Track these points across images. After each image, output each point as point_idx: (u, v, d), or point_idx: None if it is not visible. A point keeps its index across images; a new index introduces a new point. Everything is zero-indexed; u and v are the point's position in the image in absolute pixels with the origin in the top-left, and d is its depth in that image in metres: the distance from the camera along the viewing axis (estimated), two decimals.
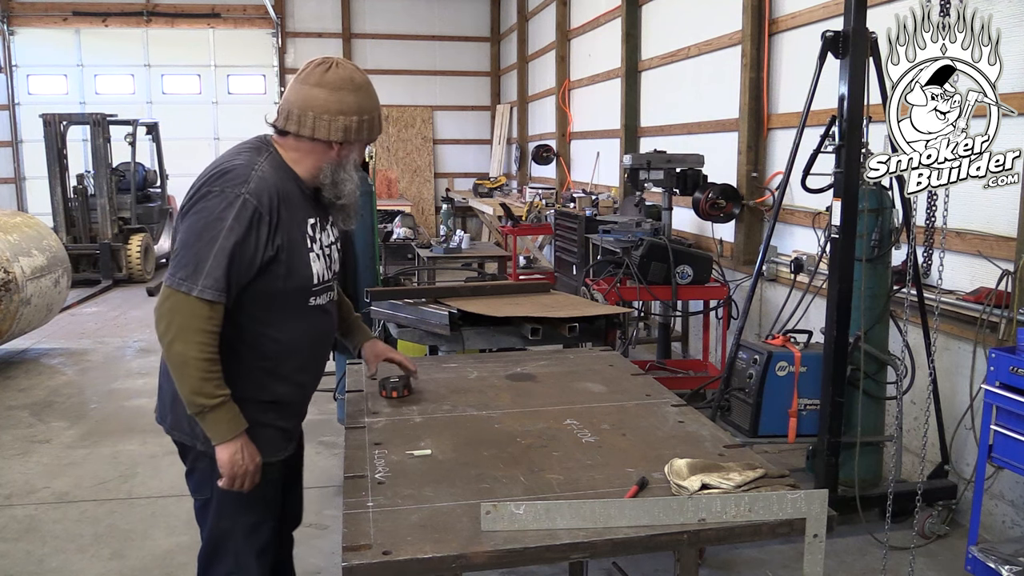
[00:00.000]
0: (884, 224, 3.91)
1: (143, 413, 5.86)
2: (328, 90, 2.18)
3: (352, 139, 2.21)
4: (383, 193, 14.02)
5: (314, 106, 2.17)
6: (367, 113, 2.23)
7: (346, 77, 2.22)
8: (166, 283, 2.05)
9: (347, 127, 2.18)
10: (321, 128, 2.16)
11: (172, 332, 2.02)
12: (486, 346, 3.77)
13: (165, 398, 2.28)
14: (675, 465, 1.96)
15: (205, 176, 2.15)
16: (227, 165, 2.16)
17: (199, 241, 2.04)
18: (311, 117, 2.17)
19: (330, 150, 2.20)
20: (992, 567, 3.15)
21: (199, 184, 2.14)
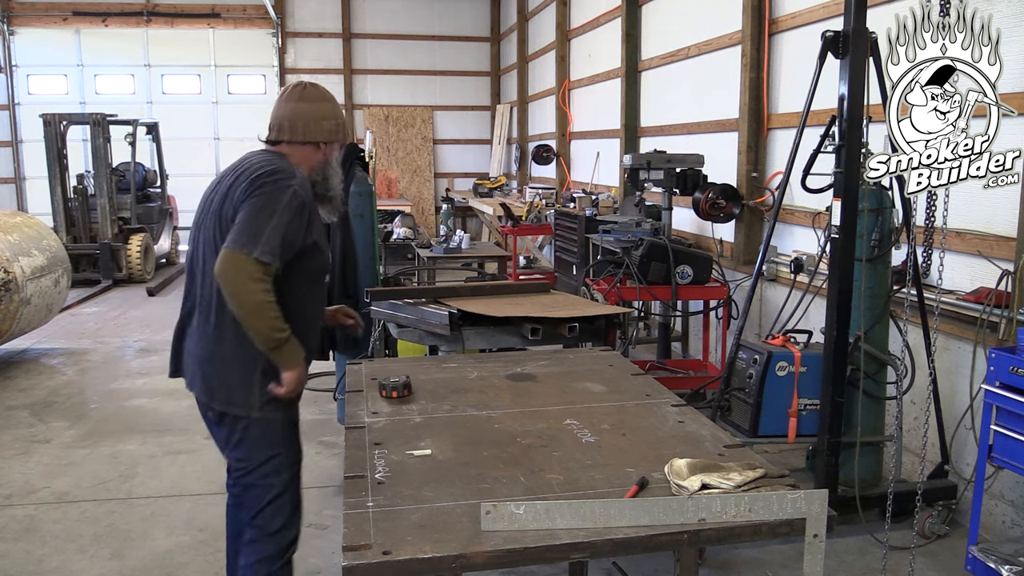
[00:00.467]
0: (884, 224, 3.91)
1: (143, 413, 5.86)
2: (308, 103, 2.69)
3: (333, 139, 2.71)
4: (383, 193, 14.02)
5: (301, 116, 2.66)
6: (340, 118, 2.75)
7: (319, 93, 2.74)
8: (227, 248, 2.39)
9: (329, 129, 2.69)
10: (310, 132, 2.66)
11: (242, 284, 2.39)
12: (486, 346, 3.77)
13: (216, 379, 2.58)
14: (675, 465, 1.96)
15: (253, 173, 2.52)
16: (273, 165, 2.55)
17: (257, 218, 2.43)
18: (300, 125, 2.66)
19: (317, 151, 2.69)
20: (992, 567, 3.15)
21: (251, 179, 2.50)
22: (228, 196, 2.51)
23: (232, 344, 2.52)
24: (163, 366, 7.72)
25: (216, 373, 2.57)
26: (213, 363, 2.57)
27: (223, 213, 2.51)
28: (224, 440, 2.69)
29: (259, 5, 15.34)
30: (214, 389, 2.57)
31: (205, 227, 2.59)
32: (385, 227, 9.06)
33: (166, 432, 5.41)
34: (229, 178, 2.59)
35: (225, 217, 2.50)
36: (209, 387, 2.58)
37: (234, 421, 2.59)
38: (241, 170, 2.57)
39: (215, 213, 2.54)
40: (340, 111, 2.76)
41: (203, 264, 2.57)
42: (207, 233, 2.57)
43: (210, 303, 2.55)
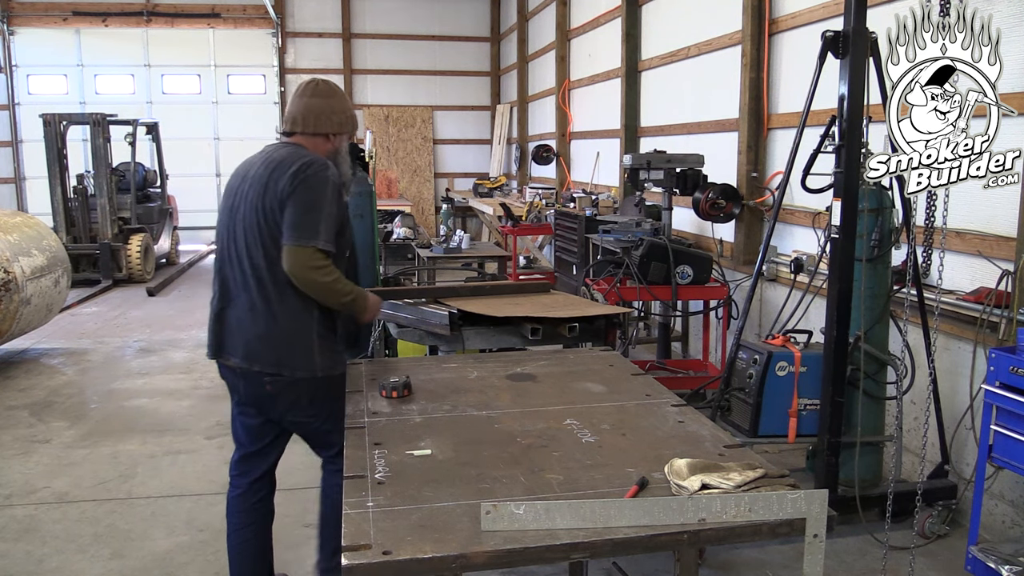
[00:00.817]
0: (884, 224, 3.91)
1: (143, 413, 5.86)
2: (320, 98, 2.96)
3: (341, 131, 2.98)
4: (383, 193, 14.02)
5: (312, 110, 2.93)
6: (348, 112, 3.02)
7: (330, 89, 3.01)
8: (292, 244, 2.72)
9: (339, 121, 2.97)
10: (320, 124, 2.93)
11: (312, 274, 2.75)
12: (486, 346, 3.77)
13: (280, 352, 2.85)
14: (675, 465, 1.96)
15: (290, 167, 2.78)
16: (305, 158, 2.82)
17: (310, 212, 2.74)
18: (312, 118, 2.93)
19: (327, 141, 2.96)
20: (992, 567, 3.15)
21: (291, 173, 2.76)
22: (268, 188, 2.77)
23: (289, 320, 2.84)
24: (163, 366, 7.75)
25: (278, 347, 2.85)
26: (273, 339, 2.85)
27: (265, 204, 2.77)
28: (289, 403, 2.94)
29: (259, 5, 15.34)
30: (280, 361, 2.85)
31: (244, 217, 2.84)
32: (385, 227, 9.05)
33: (166, 432, 5.41)
34: (260, 170, 2.84)
35: (268, 208, 2.77)
36: (273, 360, 2.85)
37: (300, 384, 2.88)
38: (274, 163, 2.82)
39: (254, 204, 2.80)
40: (348, 105, 3.02)
41: (246, 251, 2.83)
42: (247, 223, 2.82)
43: (260, 286, 2.83)
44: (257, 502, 3.14)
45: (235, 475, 3.15)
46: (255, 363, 2.87)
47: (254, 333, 2.86)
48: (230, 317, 2.91)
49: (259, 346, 2.85)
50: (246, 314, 2.86)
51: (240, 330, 2.88)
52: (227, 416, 5.67)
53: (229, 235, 2.90)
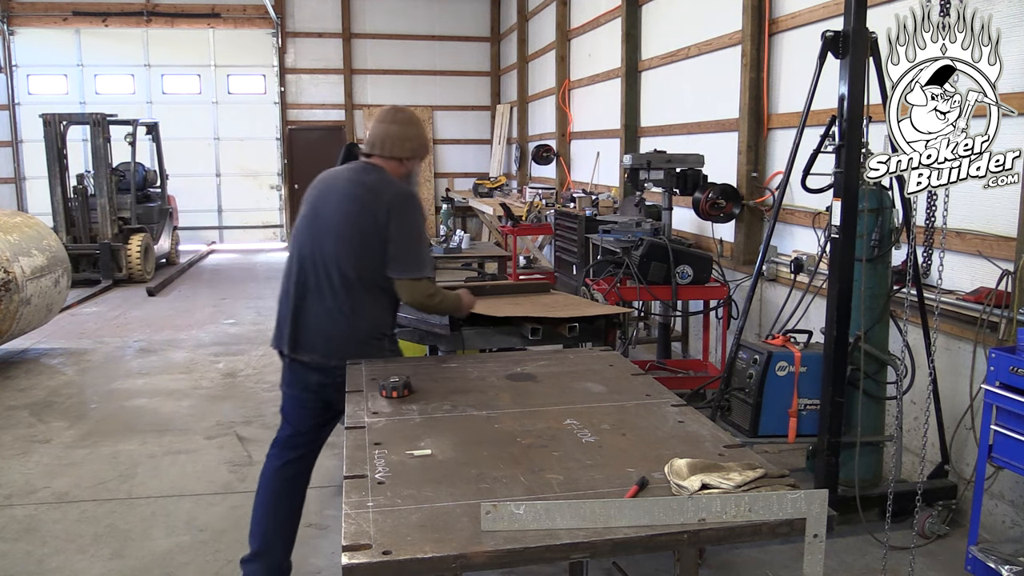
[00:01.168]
0: (884, 224, 3.91)
1: (143, 413, 5.86)
2: (398, 125, 3.27)
3: (414, 156, 3.28)
4: None
5: (391, 135, 3.24)
6: (421, 139, 3.34)
7: (407, 117, 3.34)
8: (407, 278, 3.14)
9: (411, 148, 3.27)
10: (396, 149, 3.23)
11: (428, 300, 3.23)
12: (486, 346, 3.77)
13: (353, 348, 3.14)
14: (675, 465, 1.96)
15: (389, 194, 3.13)
16: (397, 186, 3.19)
17: (415, 244, 3.16)
18: (388, 143, 3.24)
19: (401, 164, 3.25)
20: (992, 567, 3.15)
21: (390, 201, 3.11)
22: (364, 209, 3.11)
23: (369, 322, 3.19)
24: (163, 366, 7.73)
25: (358, 344, 3.16)
26: (354, 338, 3.16)
27: (361, 223, 3.10)
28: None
29: (259, 5, 15.34)
30: (357, 353, 3.13)
31: (334, 227, 3.14)
32: None
33: (166, 432, 5.41)
34: (348, 187, 3.18)
35: (364, 228, 3.10)
36: (350, 353, 3.13)
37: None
38: (365, 187, 3.15)
39: (347, 219, 3.12)
40: (422, 132, 3.35)
41: (336, 259, 3.12)
42: (338, 233, 3.13)
43: (348, 292, 3.13)
44: (293, 477, 3.31)
45: (279, 450, 3.33)
46: (334, 358, 3.12)
47: (335, 331, 3.15)
48: (310, 314, 3.18)
49: (340, 344, 3.14)
50: (330, 314, 3.15)
51: (320, 328, 3.17)
52: (226, 416, 5.70)
53: (314, 242, 3.18)
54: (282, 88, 15.94)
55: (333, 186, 3.26)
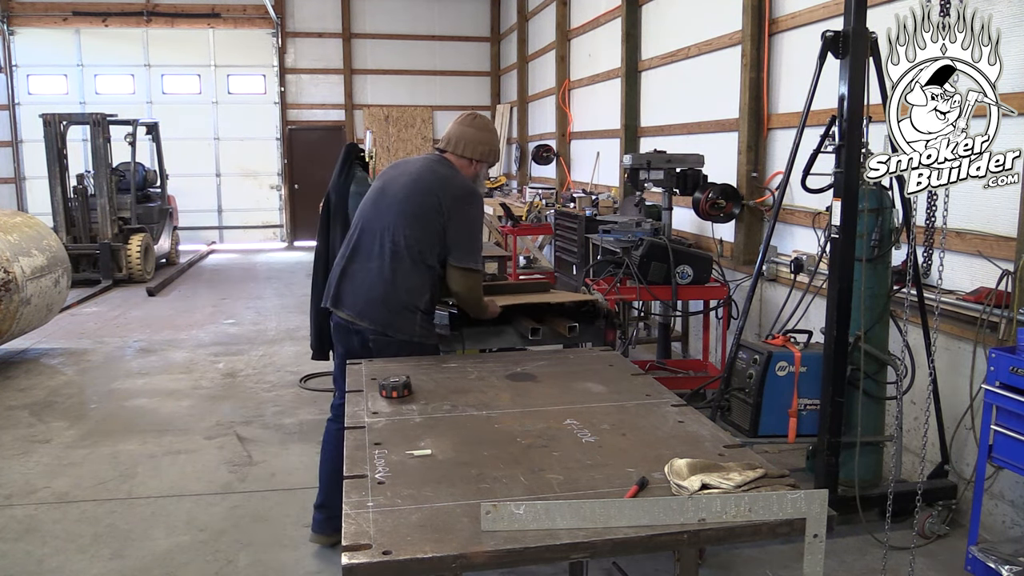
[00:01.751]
0: (884, 224, 3.91)
1: (143, 413, 5.86)
2: (475, 129, 3.54)
3: (484, 159, 3.54)
4: None
5: (465, 137, 3.51)
6: (494, 145, 3.60)
7: (484, 123, 3.61)
8: (463, 266, 3.34)
9: (483, 152, 3.53)
10: (469, 150, 3.50)
11: (477, 291, 3.46)
12: (486, 346, 3.77)
13: (395, 315, 3.33)
14: (675, 465, 1.96)
15: (456, 187, 3.39)
16: (463, 181, 3.44)
17: (473, 236, 3.41)
18: (463, 143, 3.51)
19: (471, 165, 3.52)
20: (992, 567, 3.15)
21: (456, 194, 3.37)
22: (431, 191, 3.33)
23: (406, 292, 3.32)
24: (163, 366, 7.74)
25: (391, 311, 3.32)
26: (389, 304, 3.32)
27: (425, 202, 3.32)
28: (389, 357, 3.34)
29: (259, 5, 15.34)
30: (388, 323, 3.32)
31: (398, 202, 3.37)
32: None
33: (166, 432, 5.41)
34: (423, 172, 3.44)
35: (426, 207, 3.32)
36: (383, 321, 3.33)
37: (400, 344, 3.33)
38: (439, 175, 3.40)
39: (411, 197, 3.35)
40: (495, 140, 3.61)
41: (391, 228, 3.34)
42: (401, 208, 3.35)
43: (395, 258, 3.32)
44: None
45: (335, 414, 3.75)
46: (365, 320, 3.35)
47: (374, 295, 3.34)
48: (356, 274, 3.41)
49: (373, 307, 3.34)
50: (372, 276, 3.35)
51: (361, 288, 3.38)
52: (226, 416, 5.71)
53: (376, 211, 3.44)
54: (282, 88, 15.93)
55: (406, 169, 3.52)
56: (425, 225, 3.31)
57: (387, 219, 3.39)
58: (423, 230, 3.31)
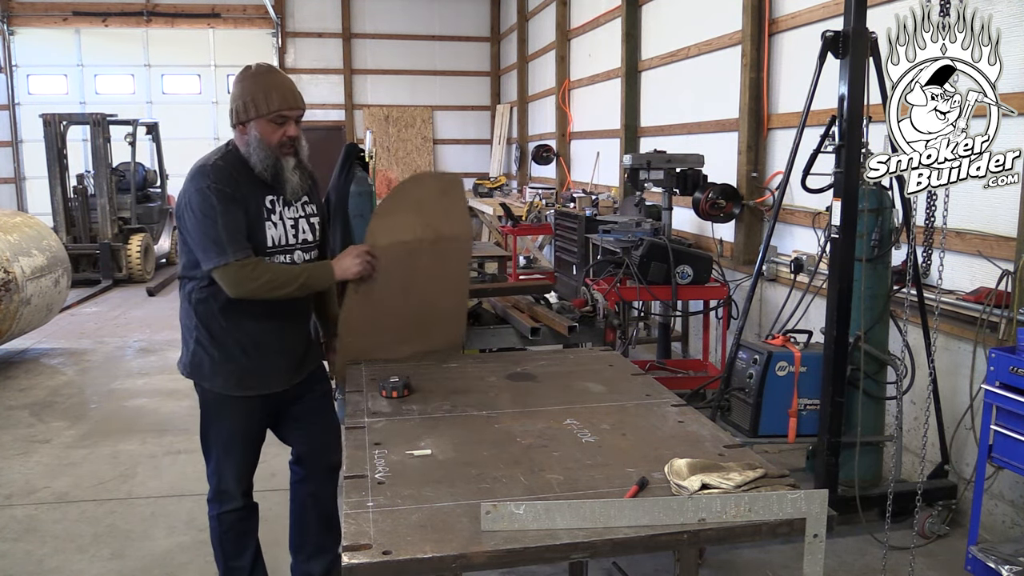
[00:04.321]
0: (884, 224, 3.91)
1: (143, 413, 5.86)
2: (234, 87, 2.79)
3: (241, 115, 2.73)
4: (383, 193, 14.00)
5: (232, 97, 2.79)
6: (245, 89, 2.72)
7: (241, 76, 2.76)
8: (212, 264, 2.67)
9: (236, 106, 2.74)
10: (231, 117, 2.78)
11: (248, 283, 2.69)
12: (486, 346, 3.77)
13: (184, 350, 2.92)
14: (675, 465, 1.96)
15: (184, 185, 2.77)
16: (195, 166, 2.78)
17: (205, 225, 2.67)
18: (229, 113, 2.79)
19: (243, 133, 2.76)
20: (992, 567, 3.15)
21: (182, 190, 2.77)
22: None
23: (182, 319, 2.91)
24: (163, 366, 7.75)
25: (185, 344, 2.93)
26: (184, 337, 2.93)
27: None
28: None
29: (259, 5, 15.34)
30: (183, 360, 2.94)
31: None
32: None
33: (166, 432, 5.41)
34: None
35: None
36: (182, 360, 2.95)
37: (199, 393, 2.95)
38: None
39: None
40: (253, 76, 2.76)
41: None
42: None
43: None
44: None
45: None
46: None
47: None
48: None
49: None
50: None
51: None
52: None
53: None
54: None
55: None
56: (182, 245, 2.82)
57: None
58: (181, 242, 2.83)
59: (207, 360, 2.83)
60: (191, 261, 2.77)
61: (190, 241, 2.72)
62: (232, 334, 2.81)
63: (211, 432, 2.94)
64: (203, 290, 2.78)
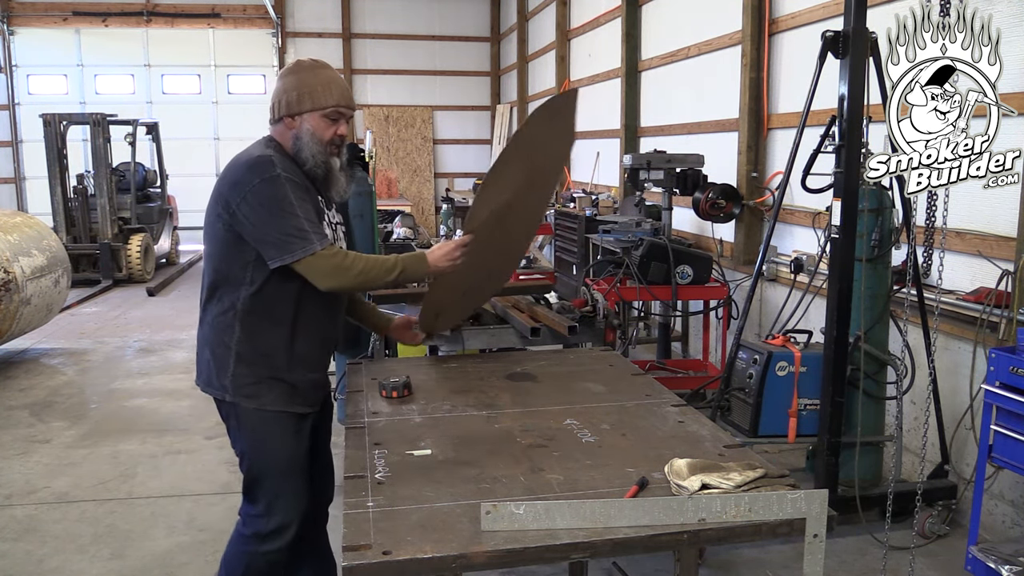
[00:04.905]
0: (884, 224, 3.91)
1: (143, 413, 5.86)
2: (279, 82, 2.63)
3: (291, 108, 2.56)
4: (383, 193, 14.02)
5: (273, 99, 2.62)
6: (294, 82, 2.56)
7: (289, 70, 2.61)
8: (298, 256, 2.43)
9: (287, 100, 2.56)
10: (274, 111, 2.61)
11: (346, 273, 2.48)
12: (486, 346, 3.77)
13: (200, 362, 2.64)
14: (675, 465, 1.96)
15: (226, 175, 2.54)
16: (243, 156, 2.56)
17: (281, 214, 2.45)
18: (271, 108, 2.62)
19: (287, 128, 2.59)
20: (992, 567, 3.15)
21: (229, 180, 2.52)
22: (215, 197, 2.59)
23: (209, 326, 2.60)
24: (163, 366, 7.75)
25: (200, 355, 2.65)
26: (201, 347, 2.65)
27: (210, 216, 2.61)
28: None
29: (259, 5, 15.35)
30: (202, 373, 2.64)
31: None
32: (385, 227, 9.05)
33: (166, 432, 5.41)
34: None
35: (212, 219, 2.61)
36: (200, 372, 2.66)
37: (224, 408, 2.65)
38: (226, 169, 2.63)
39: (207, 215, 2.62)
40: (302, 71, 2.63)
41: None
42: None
43: (206, 295, 2.65)
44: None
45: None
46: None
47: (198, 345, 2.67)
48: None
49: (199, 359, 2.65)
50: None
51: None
52: None
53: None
54: None
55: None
56: (214, 240, 2.54)
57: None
58: (215, 249, 2.54)
59: (253, 376, 2.53)
60: (233, 267, 2.49)
61: (256, 237, 2.42)
62: (282, 344, 2.54)
63: (264, 459, 2.59)
64: (253, 298, 2.49)
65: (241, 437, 2.62)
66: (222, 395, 2.57)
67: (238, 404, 2.55)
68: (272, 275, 2.47)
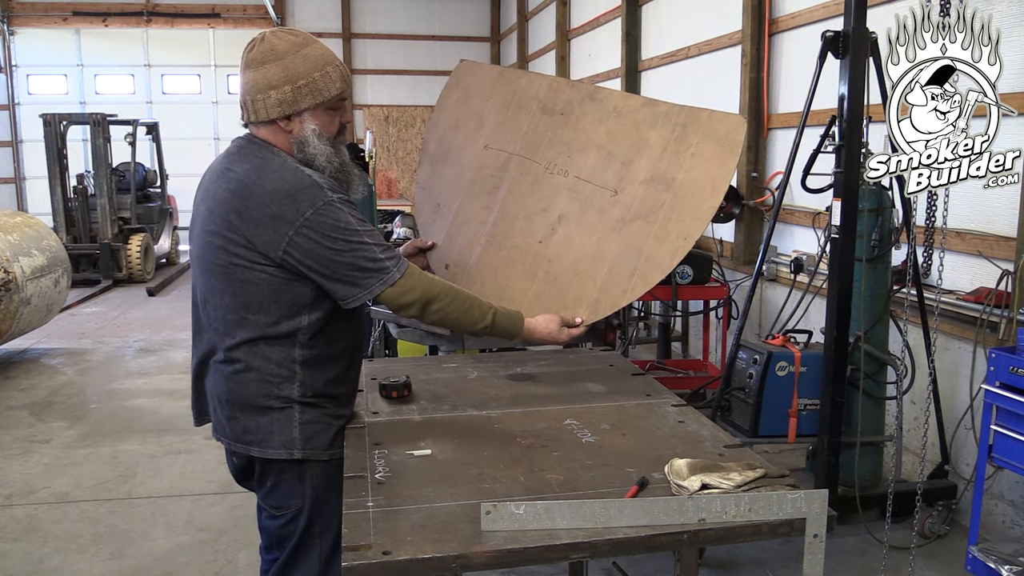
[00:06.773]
0: (884, 224, 3.91)
1: (143, 413, 5.86)
2: (254, 69, 2.10)
3: (294, 105, 2.10)
4: (383, 193, 14.00)
5: (251, 90, 2.11)
6: (291, 71, 2.08)
7: (265, 49, 2.09)
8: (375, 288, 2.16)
9: (281, 96, 2.08)
10: (261, 109, 2.11)
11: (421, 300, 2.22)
12: (486, 346, 3.77)
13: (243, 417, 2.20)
14: (675, 465, 1.95)
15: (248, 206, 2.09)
16: (267, 181, 2.10)
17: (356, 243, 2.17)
18: (251, 103, 2.12)
19: (282, 129, 2.14)
20: (992, 567, 3.15)
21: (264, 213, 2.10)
22: (226, 229, 2.18)
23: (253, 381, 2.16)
24: (163, 366, 7.76)
25: (241, 410, 2.19)
26: (234, 400, 2.19)
27: (223, 253, 2.20)
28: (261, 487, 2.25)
29: (259, 5, 15.35)
30: (243, 429, 2.20)
31: (196, 251, 2.29)
32: (385, 227, 9.04)
33: (166, 432, 5.41)
34: (219, 193, 2.19)
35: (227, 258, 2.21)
36: (234, 427, 2.21)
37: (279, 467, 2.20)
38: (232, 188, 2.16)
39: (207, 243, 2.21)
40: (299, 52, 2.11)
41: (202, 292, 2.26)
42: (198, 260, 2.26)
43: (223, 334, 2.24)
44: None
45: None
46: (223, 434, 2.24)
47: (218, 391, 2.24)
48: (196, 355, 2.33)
49: (221, 410, 2.23)
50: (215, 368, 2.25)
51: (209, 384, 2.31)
52: None
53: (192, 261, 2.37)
54: None
55: (206, 182, 2.21)
56: (230, 281, 2.09)
57: (196, 278, 2.22)
58: (244, 297, 2.09)
59: (322, 422, 2.20)
60: (281, 315, 2.10)
61: (321, 275, 2.07)
62: (342, 377, 2.26)
63: (322, 518, 2.22)
64: (312, 342, 2.14)
65: (301, 492, 2.20)
66: (289, 454, 2.16)
67: (307, 459, 2.18)
68: (333, 310, 2.16)
